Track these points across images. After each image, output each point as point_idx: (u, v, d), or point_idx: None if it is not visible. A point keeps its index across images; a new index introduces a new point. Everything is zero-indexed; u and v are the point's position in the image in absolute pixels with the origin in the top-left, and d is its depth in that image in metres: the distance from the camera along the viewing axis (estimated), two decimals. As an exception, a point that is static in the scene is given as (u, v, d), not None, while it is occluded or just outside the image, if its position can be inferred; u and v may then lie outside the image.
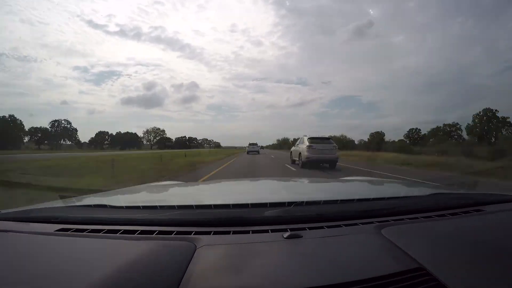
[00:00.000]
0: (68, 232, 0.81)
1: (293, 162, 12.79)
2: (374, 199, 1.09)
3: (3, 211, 1.00)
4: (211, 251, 0.66)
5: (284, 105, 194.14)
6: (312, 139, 10.89)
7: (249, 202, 0.96)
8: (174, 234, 0.77)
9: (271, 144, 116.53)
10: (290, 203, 0.92)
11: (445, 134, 52.82)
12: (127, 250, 0.68)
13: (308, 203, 0.99)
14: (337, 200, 1.08)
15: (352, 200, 1.08)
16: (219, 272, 0.59)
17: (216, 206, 1.00)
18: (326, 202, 1.04)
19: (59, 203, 1.18)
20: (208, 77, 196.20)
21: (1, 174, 7.24)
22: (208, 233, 0.76)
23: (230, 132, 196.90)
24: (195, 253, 0.64)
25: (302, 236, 0.73)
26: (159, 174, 8.78)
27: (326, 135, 14.73)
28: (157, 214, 0.92)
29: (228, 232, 0.77)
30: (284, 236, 0.72)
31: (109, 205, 1.01)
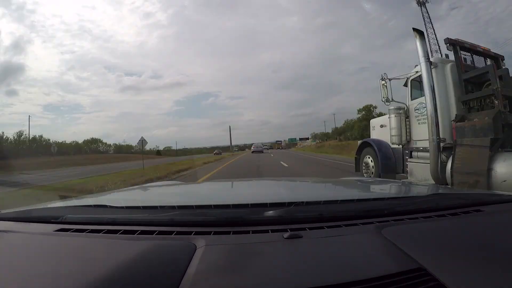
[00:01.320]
0: (68, 232, 0.81)
1: None
2: (374, 199, 1.09)
3: (3, 211, 1.00)
4: (211, 252, 0.66)
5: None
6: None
7: (249, 202, 0.96)
8: (174, 234, 0.77)
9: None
10: (290, 203, 0.92)
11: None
12: (127, 250, 0.68)
13: (308, 203, 0.99)
14: (337, 200, 1.08)
15: (352, 200, 1.08)
16: (219, 272, 0.59)
17: (216, 206, 1.00)
18: (326, 202, 1.04)
19: (59, 203, 1.18)
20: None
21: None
22: (208, 233, 0.76)
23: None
24: (195, 253, 0.64)
25: (302, 237, 0.73)
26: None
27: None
28: (157, 214, 0.92)
29: (228, 232, 0.77)
30: (284, 236, 0.72)
31: (109, 205, 1.01)
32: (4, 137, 47.98)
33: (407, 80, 5.12)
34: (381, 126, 6.02)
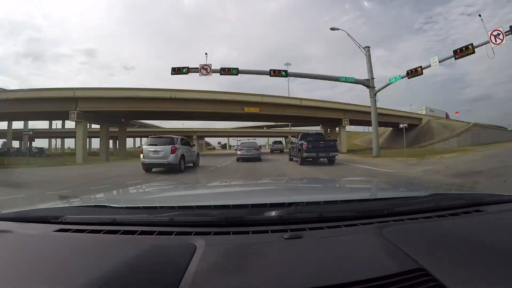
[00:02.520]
0: (68, 233, 0.81)
1: None
2: (374, 199, 1.09)
3: (3, 211, 1.00)
4: (211, 252, 0.66)
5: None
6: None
7: (249, 202, 0.96)
8: (174, 235, 0.77)
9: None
10: (290, 204, 0.92)
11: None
12: (127, 251, 0.68)
13: (308, 203, 1.00)
14: (337, 201, 1.08)
15: (352, 200, 1.08)
16: (219, 273, 0.59)
17: (216, 207, 1.00)
18: (326, 203, 1.05)
19: (58, 203, 1.18)
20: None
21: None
22: (208, 233, 0.76)
23: None
24: (195, 254, 0.64)
25: (302, 237, 0.73)
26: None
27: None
28: (157, 215, 0.91)
29: (228, 233, 0.77)
30: (284, 237, 0.72)
31: (109, 206, 1.01)
32: None
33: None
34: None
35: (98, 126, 25.15)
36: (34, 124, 41.40)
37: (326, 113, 27.42)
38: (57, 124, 50.96)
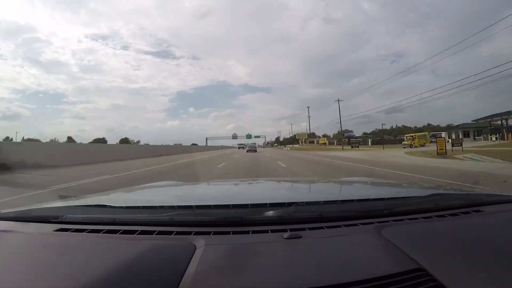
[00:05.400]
0: (68, 232, 0.81)
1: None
2: (374, 199, 1.09)
3: (3, 211, 1.00)
4: (211, 252, 0.66)
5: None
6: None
7: (249, 202, 0.96)
8: (174, 234, 0.77)
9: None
10: (290, 204, 0.92)
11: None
12: (126, 250, 0.68)
13: (308, 203, 0.99)
14: (337, 201, 1.08)
15: (352, 200, 1.08)
16: (219, 272, 0.59)
17: (216, 207, 1.00)
18: (326, 203, 1.04)
19: (58, 203, 1.18)
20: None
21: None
22: (208, 233, 0.76)
23: None
24: (195, 254, 0.64)
25: (302, 237, 0.73)
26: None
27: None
28: (157, 214, 0.91)
29: (228, 233, 0.77)
30: (284, 237, 0.72)
31: (109, 205, 1.01)
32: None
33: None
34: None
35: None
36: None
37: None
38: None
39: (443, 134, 35.42)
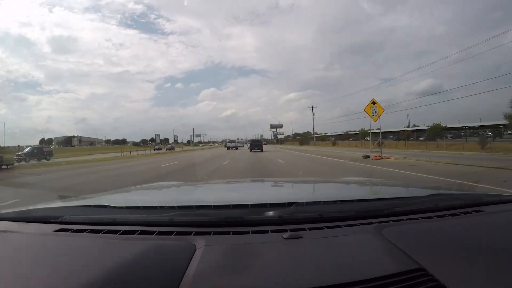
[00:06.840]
0: (68, 233, 0.81)
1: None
2: (374, 199, 1.09)
3: (3, 211, 1.00)
4: (211, 252, 0.66)
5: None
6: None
7: (249, 202, 0.96)
8: (174, 235, 0.77)
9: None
10: (290, 204, 0.92)
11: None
12: (127, 251, 0.68)
13: (308, 203, 0.99)
14: (337, 201, 1.08)
15: (352, 200, 1.08)
16: (219, 272, 0.59)
17: (216, 207, 1.00)
18: (326, 203, 1.04)
19: (58, 203, 1.18)
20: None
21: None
22: (208, 233, 0.76)
23: None
24: (195, 254, 0.64)
25: (302, 237, 0.73)
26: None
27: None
28: (157, 215, 0.91)
29: (228, 233, 0.77)
30: (284, 237, 0.72)
31: (109, 205, 1.01)
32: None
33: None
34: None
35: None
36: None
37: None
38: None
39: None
